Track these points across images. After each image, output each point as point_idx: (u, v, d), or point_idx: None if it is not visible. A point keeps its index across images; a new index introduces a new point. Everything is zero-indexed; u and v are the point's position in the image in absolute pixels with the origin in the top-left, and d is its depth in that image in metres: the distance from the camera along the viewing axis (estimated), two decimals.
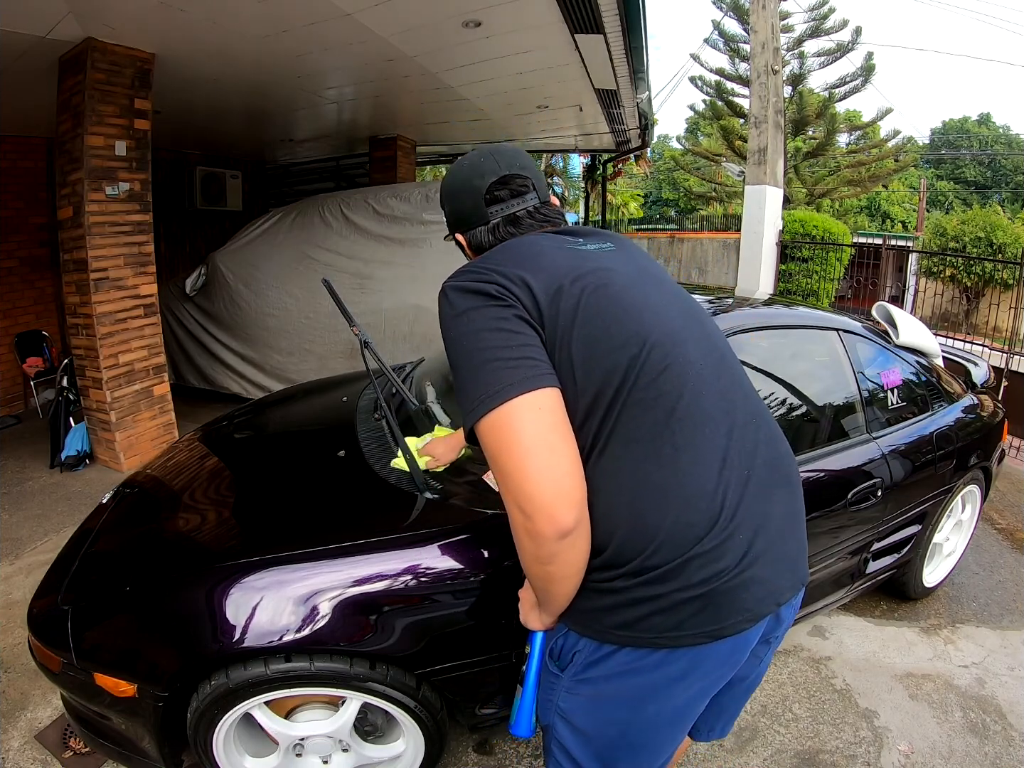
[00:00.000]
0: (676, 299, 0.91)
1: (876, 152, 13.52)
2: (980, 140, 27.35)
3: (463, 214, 0.99)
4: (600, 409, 0.77)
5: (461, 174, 1.00)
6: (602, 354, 0.78)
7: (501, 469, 0.72)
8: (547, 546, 0.71)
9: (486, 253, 0.92)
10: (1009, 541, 2.76)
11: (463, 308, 0.79)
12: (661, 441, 0.77)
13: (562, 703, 0.86)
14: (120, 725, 1.28)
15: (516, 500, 0.71)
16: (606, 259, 0.88)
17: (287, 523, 1.42)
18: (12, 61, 3.09)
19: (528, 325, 0.78)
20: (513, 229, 0.96)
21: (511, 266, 0.82)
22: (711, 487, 0.77)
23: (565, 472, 0.71)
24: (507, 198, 0.97)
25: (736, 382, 0.88)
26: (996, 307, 4.78)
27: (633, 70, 4.08)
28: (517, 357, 0.75)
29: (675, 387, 0.79)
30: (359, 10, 2.88)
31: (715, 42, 13.25)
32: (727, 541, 0.76)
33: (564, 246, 0.89)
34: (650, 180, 26.27)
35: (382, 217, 4.24)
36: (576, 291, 0.80)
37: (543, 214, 0.98)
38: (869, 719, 1.74)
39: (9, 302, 4.59)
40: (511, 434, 0.71)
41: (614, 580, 0.77)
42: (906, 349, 2.08)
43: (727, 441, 0.80)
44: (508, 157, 0.99)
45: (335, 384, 2.45)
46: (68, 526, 2.66)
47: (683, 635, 0.76)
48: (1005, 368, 4.08)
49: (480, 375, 0.74)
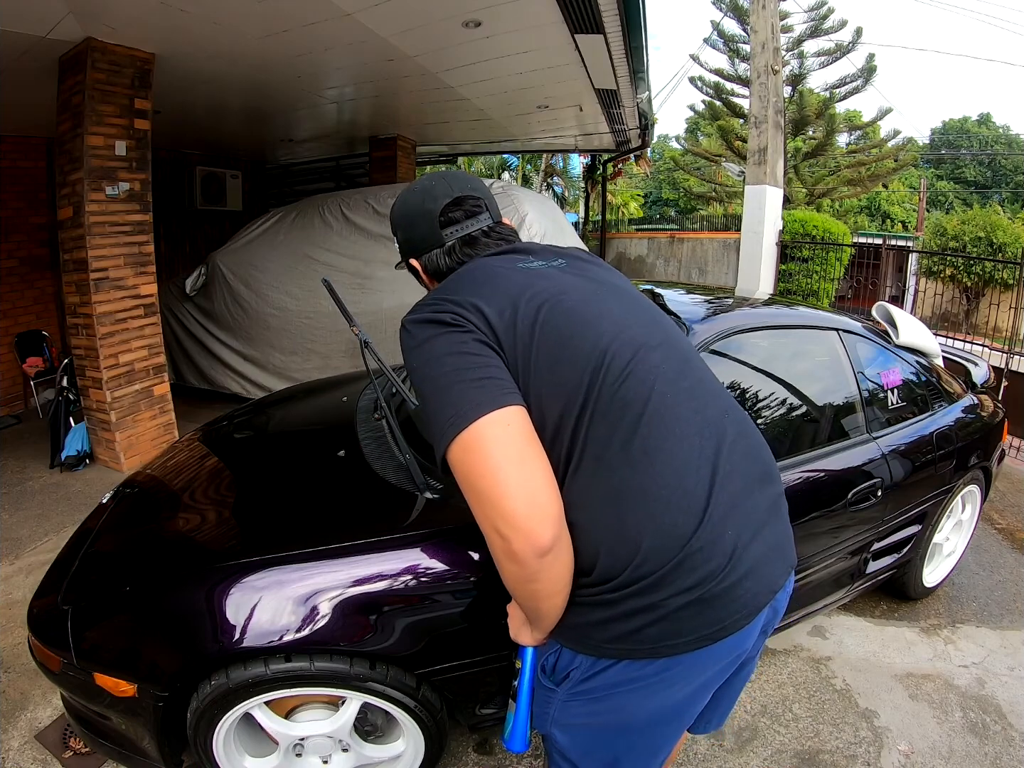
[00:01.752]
0: (635, 307, 0.91)
1: (876, 152, 13.52)
2: (980, 140, 27.35)
3: (417, 239, 0.99)
4: (568, 425, 0.77)
5: (413, 199, 1.00)
6: (564, 370, 0.78)
7: (474, 490, 0.71)
8: (529, 565, 0.70)
9: (441, 284, 0.92)
10: (1009, 541, 2.76)
11: (423, 338, 0.80)
12: (632, 447, 0.76)
13: (559, 715, 0.85)
14: (120, 725, 1.28)
15: (492, 522, 0.70)
16: (558, 276, 0.88)
17: (287, 523, 1.42)
18: (12, 61, 3.09)
19: (488, 347, 0.78)
20: (469, 250, 0.96)
21: (465, 294, 0.82)
22: (690, 485, 0.76)
23: (538, 487, 0.70)
24: (462, 219, 0.97)
25: (702, 380, 0.88)
26: (996, 307, 4.78)
27: (633, 70, 4.08)
28: (480, 377, 0.75)
29: (640, 392, 0.78)
30: (359, 10, 2.88)
31: (715, 42, 13.24)
32: (715, 539, 0.75)
33: (516, 266, 0.89)
34: (650, 180, 26.27)
35: (382, 217, 4.24)
36: (531, 310, 0.80)
37: (498, 232, 0.99)
38: (869, 719, 1.74)
39: (9, 302, 4.59)
40: (482, 453, 0.70)
41: (604, 594, 0.75)
42: (906, 349, 2.08)
43: (700, 440, 0.80)
44: (459, 180, 1.00)
45: (335, 384, 2.46)
46: (68, 526, 2.66)
47: (682, 641, 0.75)
48: (1005, 368, 4.08)
49: (446, 399, 0.74)
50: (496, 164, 17.82)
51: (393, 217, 1.04)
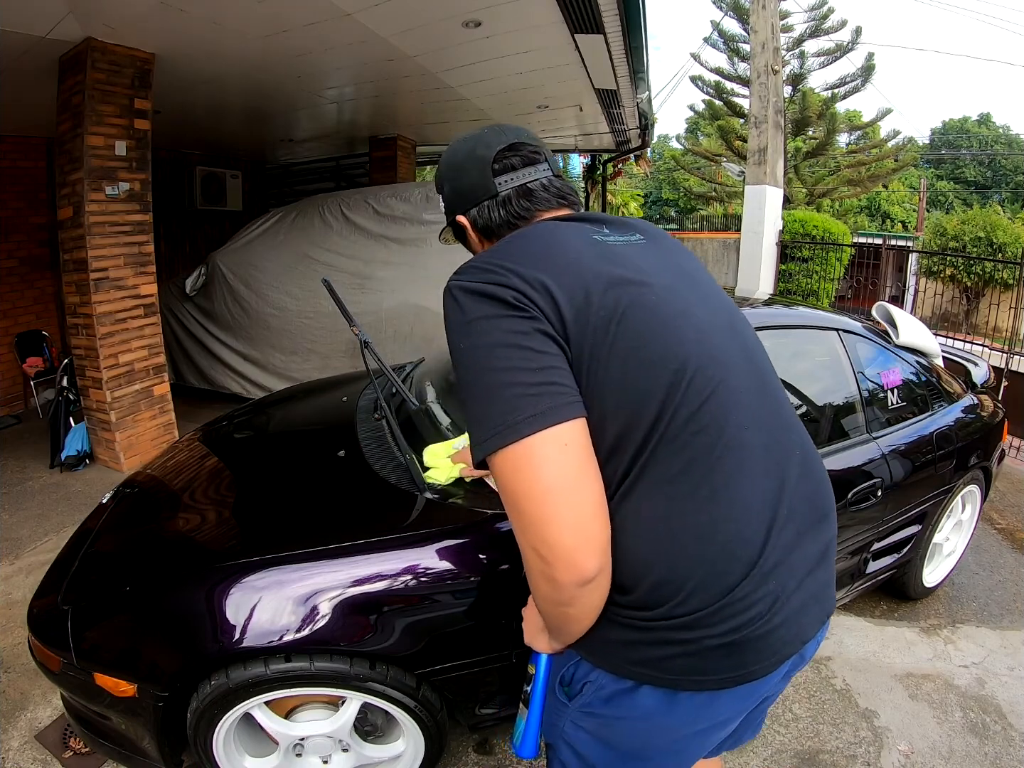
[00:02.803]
0: (717, 306, 0.81)
1: (876, 152, 13.53)
2: (980, 140, 27.36)
3: (466, 189, 0.86)
4: (632, 443, 0.68)
5: (462, 147, 0.88)
6: (637, 379, 0.68)
7: (517, 509, 0.64)
8: (567, 592, 0.65)
9: (497, 244, 0.79)
10: (1009, 541, 2.76)
11: (475, 315, 0.68)
12: (699, 481, 0.68)
13: (568, 730, 0.81)
14: (120, 725, 1.28)
15: (534, 544, 0.63)
16: (638, 257, 0.77)
17: (287, 523, 1.42)
18: (12, 61, 3.09)
19: (552, 342, 0.67)
20: (527, 203, 0.83)
21: (529, 265, 0.70)
22: (749, 533, 0.70)
23: (590, 515, 0.64)
24: (519, 166, 0.84)
25: (779, 408, 0.80)
26: (996, 307, 4.78)
27: (633, 70, 4.08)
28: (540, 382, 0.64)
29: (717, 420, 0.70)
30: (359, 10, 2.88)
31: (715, 42, 13.26)
32: (760, 588, 0.69)
33: (591, 238, 0.77)
34: (650, 180, 26.28)
35: (382, 217, 4.25)
36: (609, 302, 0.68)
37: (557, 188, 0.86)
38: (869, 719, 1.74)
39: (9, 302, 4.59)
40: (532, 473, 0.62)
41: (638, 619, 0.70)
42: (906, 349, 2.08)
43: (765, 480, 0.72)
44: (514, 129, 0.87)
45: (335, 384, 2.45)
46: (68, 526, 2.66)
47: (707, 679, 0.71)
48: (1005, 368, 4.08)
49: (496, 400, 0.64)
50: None
51: (440, 170, 0.91)
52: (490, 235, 0.85)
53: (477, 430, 0.66)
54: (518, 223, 0.83)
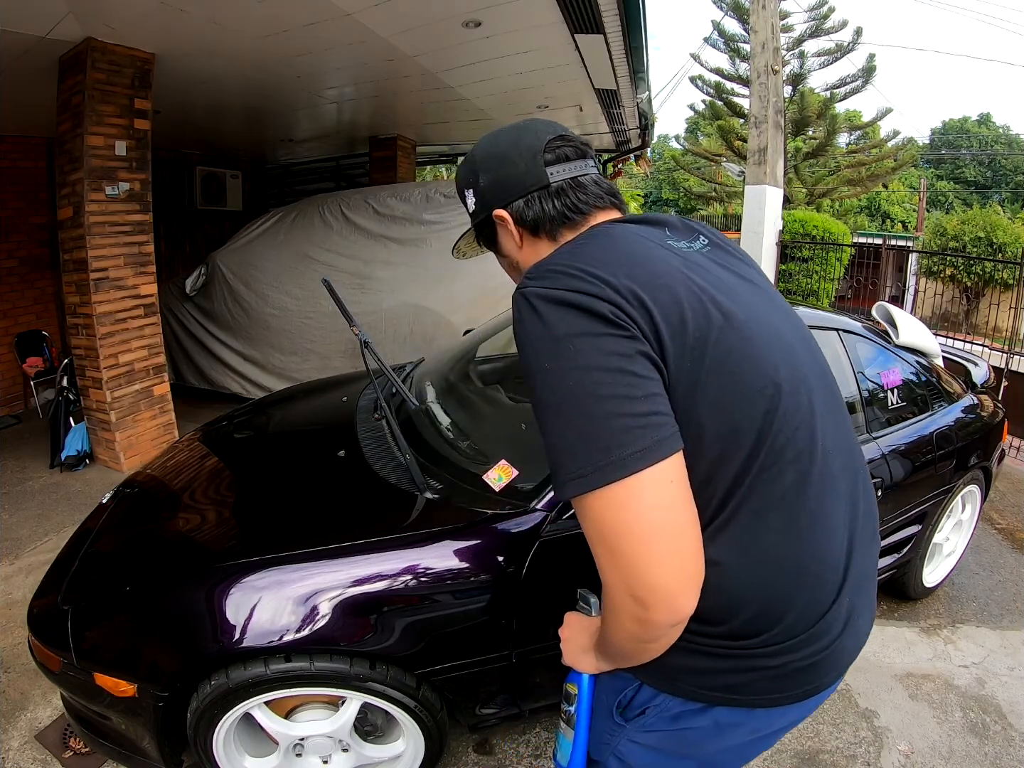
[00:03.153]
0: (791, 319, 0.76)
1: (876, 152, 13.53)
2: (980, 140, 27.36)
3: (511, 179, 0.77)
4: (728, 472, 0.64)
5: (504, 137, 0.81)
6: (734, 407, 0.63)
7: (614, 550, 0.59)
8: (657, 632, 0.62)
9: (570, 246, 0.71)
10: (1009, 541, 2.76)
11: (565, 331, 0.60)
12: (797, 510, 0.66)
13: (622, 747, 0.79)
14: (120, 725, 1.28)
15: (630, 587, 0.58)
16: (714, 268, 0.72)
17: (287, 523, 1.42)
18: (12, 61, 3.09)
19: (653, 366, 0.60)
20: (583, 195, 0.76)
21: (620, 275, 0.62)
22: (834, 559, 0.69)
23: (693, 554, 0.60)
24: (572, 157, 0.78)
25: (848, 426, 0.78)
26: (996, 307, 4.78)
27: (633, 70, 4.08)
28: (646, 412, 0.58)
29: (808, 446, 0.67)
30: (359, 10, 2.88)
31: (715, 42, 13.25)
32: (840, 612, 0.70)
33: (665, 243, 0.71)
34: (650, 180, 26.29)
35: (382, 217, 4.25)
36: (703, 322, 0.63)
37: (608, 185, 0.80)
38: (869, 719, 1.74)
39: (9, 302, 4.59)
40: (635, 514, 0.57)
41: (721, 648, 0.68)
42: (906, 349, 2.08)
43: (845, 503, 0.72)
44: (555, 124, 0.82)
45: (335, 384, 2.45)
46: (68, 526, 2.66)
47: (784, 696, 0.71)
48: (1005, 368, 4.08)
49: (597, 433, 0.58)
50: None
51: (474, 162, 0.82)
52: (538, 230, 0.78)
53: (570, 464, 0.59)
54: (573, 217, 0.77)
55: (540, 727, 1.69)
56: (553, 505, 1.27)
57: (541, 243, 0.79)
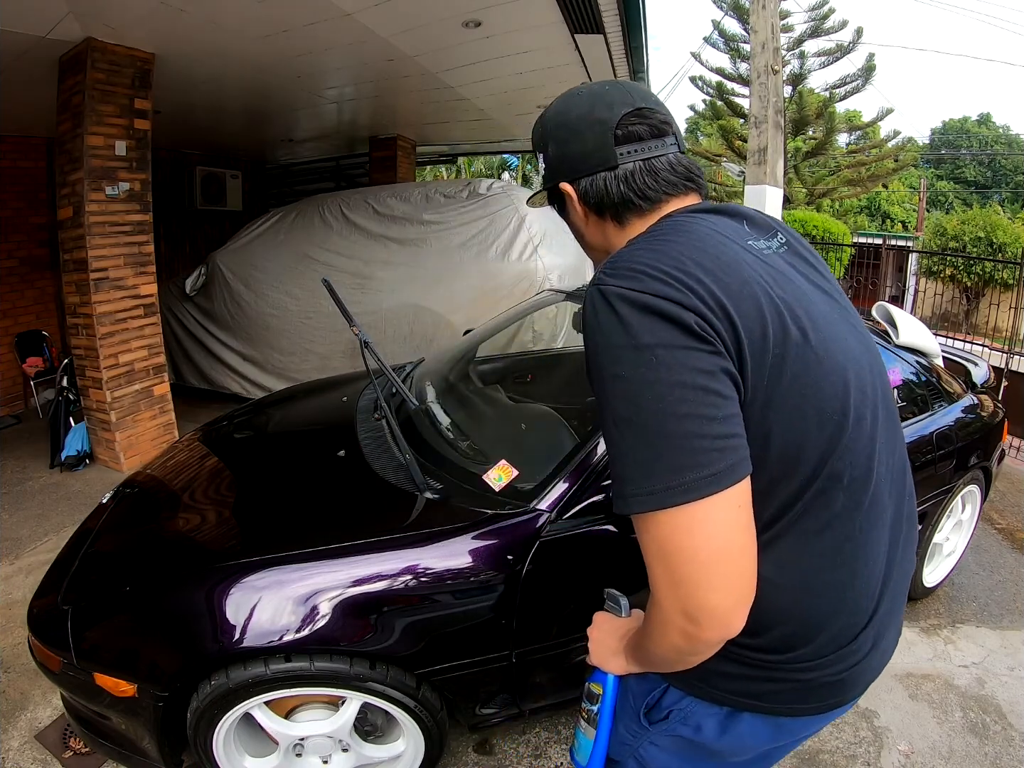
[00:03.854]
0: (862, 339, 0.72)
1: (876, 152, 13.53)
2: (980, 140, 27.35)
3: (578, 154, 0.73)
4: (783, 492, 0.63)
5: (578, 104, 0.74)
6: (803, 428, 0.61)
7: (673, 570, 0.57)
8: (704, 648, 0.61)
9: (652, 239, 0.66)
10: (1009, 541, 2.76)
11: (648, 340, 0.56)
12: (843, 536, 0.65)
13: (643, 751, 0.79)
14: (120, 725, 1.28)
15: (685, 606, 0.58)
16: (793, 274, 0.68)
17: (287, 523, 1.42)
18: (12, 61, 3.09)
19: (733, 384, 0.58)
20: (652, 182, 0.71)
21: (706, 280, 0.58)
22: (872, 586, 0.69)
23: (748, 577, 0.59)
24: (646, 137, 0.71)
25: (903, 453, 0.75)
26: (996, 307, 4.79)
27: (633, 70, 4.08)
28: (724, 434, 0.56)
29: (864, 473, 0.66)
30: (359, 10, 2.88)
31: (715, 42, 13.25)
32: (868, 634, 0.70)
33: (746, 243, 0.67)
34: None
35: (382, 217, 4.24)
36: (780, 338, 0.60)
37: (685, 167, 0.73)
38: (869, 719, 1.74)
39: (9, 302, 4.59)
40: (702, 538, 0.56)
41: (754, 659, 0.68)
42: (906, 349, 2.08)
43: (890, 532, 0.71)
44: (640, 90, 0.74)
45: (335, 384, 2.46)
46: (68, 526, 2.66)
47: (809, 707, 0.71)
48: (1005, 368, 4.08)
49: (672, 451, 0.55)
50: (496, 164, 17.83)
51: (545, 126, 0.77)
52: (602, 212, 0.74)
53: (639, 479, 0.57)
54: (641, 204, 0.72)
55: (540, 727, 1.69)
56: (554, 505, 1.27)
57: (607, 225, 0.75)
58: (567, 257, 3.95)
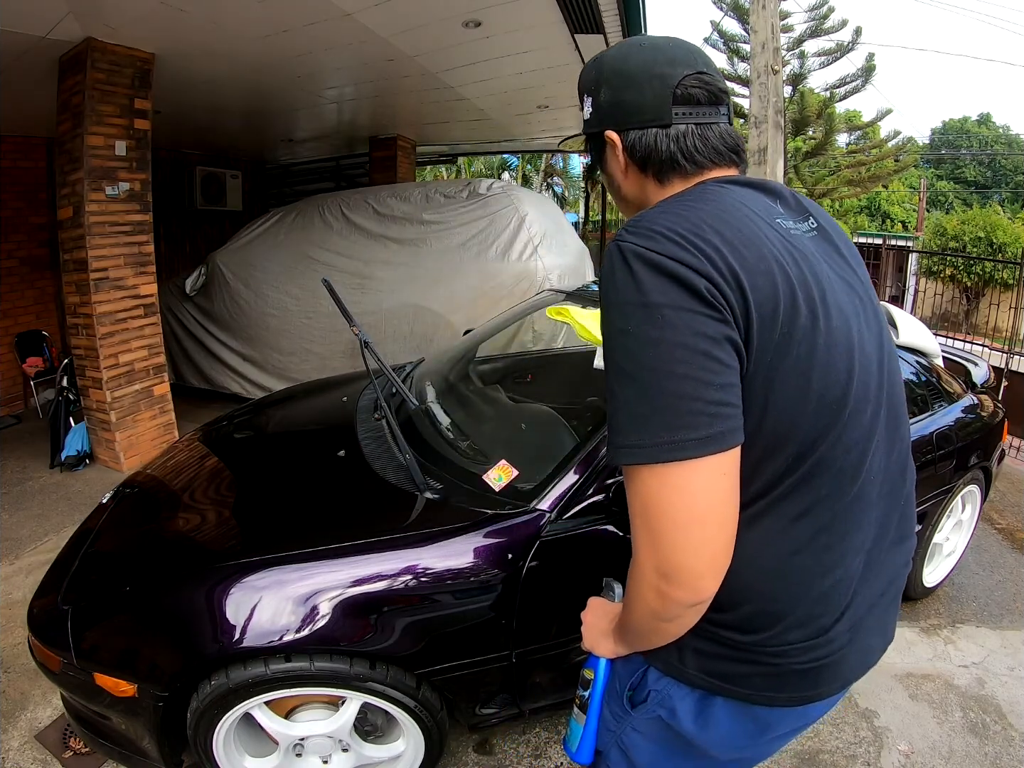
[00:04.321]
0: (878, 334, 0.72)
1: (876, 152, 13.51)
2: (980, 140, 27.35)
3: (632, 104, 0.71)
4: (770, 471, 0.64)
5: (639, 55, 0.73)
6: (798, 411, 0.62)
7: (652, 528, 0.59)
8: (676, 611, 0.63)
9: (679, 203, 0.66)
10: (1009, 541, 2.76)
11: (658, 299, 0.57)
12: (821, 527, 0.66)
13: (625, 738, 0.80)
14: (120, 725, 1.28)
15: (659, 564, 0.59)
16: (815, 258, 0.67)
17: (287, 523, 1.42)
18: (12, 61, 3.09)
19: (736, 353, 0.59)
20: (702, 146, 0.71)
21: (724, 249, 0.59)
22: (847, 582, 0.69)
23: (724, 547, 0.60)
24: (703, 101, 0.71)
25: (903, 451, 0.75)
26: (996, 307, 4.79)
27: None
28: (719, 401, 0.57)
29: (854, 467, 0.66)
30: (359, 10, 2.88)
31: (715, 42, 13.23)
32: (841, 628, 0.70)
33: (773, 221, 0.67)
34: None
35: (382, 217, 4.24)
36: (791, 319, 0.60)
37: (732, 139, 0.73)
38: (869, 719, 1.74)
39: (9, 302, 4.59)
40: (683, 499, 0.57)
41: (725, 638, 0.69)
42: (906, 349, 2.08)
43: (874, 529, 0.71)
44: (703, 54, 0.73)
45: (335, 384, 2.45)
46: (68, 526, 2.66)
47: (780, 697, 0.71)
48: (1005, 368, 4.08)
49: (666, 409, 0.56)
50: (496, 164, 17.82)
51: (601, 71, 0.74)
52: (646, 167, 0.73)
53: (630, 432, 0.58)
54: (686, 165, 0.71)
55: (540, 727, 1.69)
56: (554, 505, 1.27)
57: (648, 181, 0.74)
58: (567, 257, 3.95)
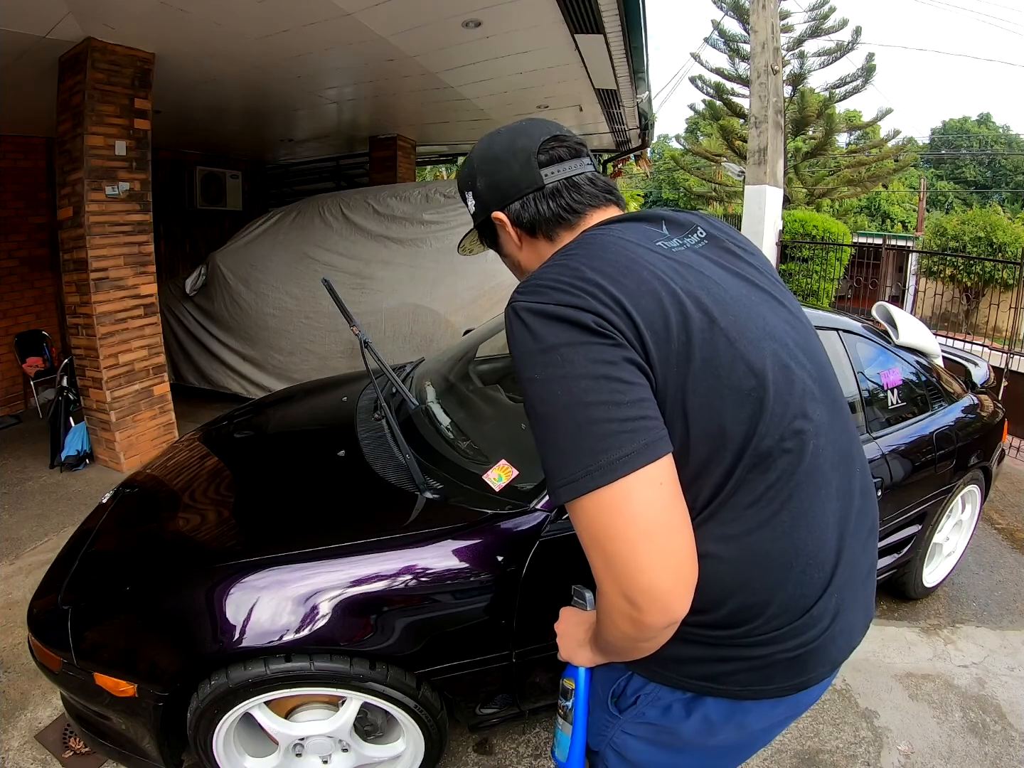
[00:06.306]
0: (788, 319, 0.76)
1: (876, 152, 13.52)
2: (980, 140, 27.36)
3: (506, 182, 0.79)
4: (714, 472, 0.66)
5: (499, 139, 0.82)
6: (723, 408, 0.64)
7: (606, 553, 0.60)
8: (651, 632, 0.63)
9: (559, 256, 0.72)
10: (1009, 541, 2.76)
11: (552, 342, 0.62)
12: (779, 507, 0.67)
13: (617, 740, 0.80)
14: (120, 725, 1.28)
15: (625, 590, 0.59)
16: (704, 266, 0.72)
17: (287, 523, 1.42)
18: (12, 61, 3.09)
19: (640, 371, 0.62)
20: (578, 196, 0.78)
21: (604, 284, 0.64)
22: (823, 556, 0.70)
23: (684, 556, 0.61)
24: (566, 157, 0.78)
25: (846, 421, 0.77)
26: (996, 307, 4.78)
27: (633, 70, 4.08)
28: (633, 417, 0.60)
29: (799, 447, 0.68)
30: (359, 10, 2.88)
31: (715, 42, 13.25)
32: (827, 606, 0.71)
33: (655, 245, 0.71)
34: (650, 180, 26.29)
35: (382, 217, 4.25)
36: (686, 326, 0.64)
37: (604, 182, 0.80)
38: (869, 719, 1.74)
39: (9, 302, 4.59)
40: (627, 516, 0.58)
41: (709, 638, 0.70)
42: (906, 349, 2.08)
43: (836, 502, 0.72)
44: (552, 123, 0.82)
45: (335, 384, 2.45)
46: (68, 526, 2.67)
47: (768, 688, 0.71)
48: (1005, 368, 4.08)
49: (584, 437, 0.59)
50: None
51: (472, 165, 0.83)
52: (535, 231, 0.79)
53: (561, 470, 0.61)
54: (569, 217, 0.78)
55: (540, 727, 1.69)
56: (553, 505, 1.27)
57: (540, 243, 0.81)
58: None
